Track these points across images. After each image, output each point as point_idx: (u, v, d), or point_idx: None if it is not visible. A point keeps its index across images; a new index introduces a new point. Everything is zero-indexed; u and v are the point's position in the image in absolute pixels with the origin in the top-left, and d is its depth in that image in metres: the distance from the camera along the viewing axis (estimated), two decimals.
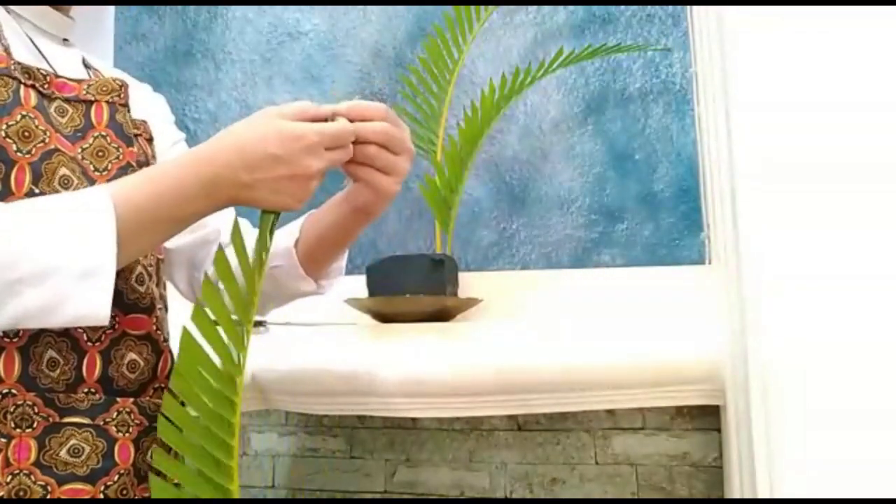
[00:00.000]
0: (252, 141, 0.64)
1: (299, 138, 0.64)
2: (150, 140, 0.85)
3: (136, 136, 0.80)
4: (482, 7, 1.42)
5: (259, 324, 1.27)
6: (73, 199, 0.63)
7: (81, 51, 0.87)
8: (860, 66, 0.84)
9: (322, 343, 1.21)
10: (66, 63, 0.81)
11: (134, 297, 0.75)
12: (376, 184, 0.73)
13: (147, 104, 0.89)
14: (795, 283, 0.83)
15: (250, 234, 0.86)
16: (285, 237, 0.85)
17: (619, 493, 1.25)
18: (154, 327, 0.76)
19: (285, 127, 0.65)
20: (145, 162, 0.80)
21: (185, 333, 0.61)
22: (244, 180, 0.64)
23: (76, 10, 0.85)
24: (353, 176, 0.74)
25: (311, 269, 0.85)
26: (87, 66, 0.85)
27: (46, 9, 0.81)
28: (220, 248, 0.65)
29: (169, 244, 0.88)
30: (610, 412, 1.27)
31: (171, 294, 0.88)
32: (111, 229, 0.61)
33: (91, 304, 0.60)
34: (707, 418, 1.23)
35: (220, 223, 0.91)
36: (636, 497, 1.25)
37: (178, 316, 0.92)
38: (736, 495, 0.99)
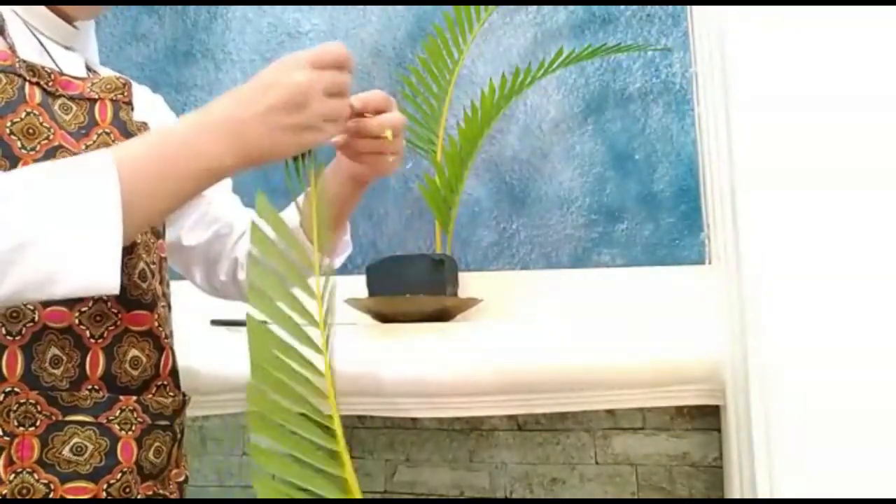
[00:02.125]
0: (247, 82, 0.65)
1: (282, 61, 0.65)
2: None
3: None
4: (482, 7, 1.42)
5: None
6: (76, 164, 0.61)
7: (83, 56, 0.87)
8: (860, 65, 0.84)
9: None
10: (70, 63, 0.81)
11: (137, 294, 0.75)
12: (385, 167, 0.77)
13: (147, 106, 0.89)
14: (795, 283, 0.83)
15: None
16: (289, 219, 0.84)
17: (619, 493, 1.25)
18: (156, 324, 0.76)
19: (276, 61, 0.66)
20: None
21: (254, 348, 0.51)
22: (239, 116, 0.63)
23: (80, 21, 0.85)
24: (362, 161, 0.76)
25: None
26: (89, 69, 0.85)
27: (52, 17, 0.81)
28: (254, 223, 0.57)
29: (186, 242, 0.92)
30: (610, 412, 1.27)
31: (174, 294, 0.88)
32: (115, 190, 0.59)
33: (97, 270, 0.57)
34: (707, 418, 1.23)
35: (231, 218, 0.93)
36: (636, 497, 1.25)
37: (181, 316, 0.93)
38: (736, 495, 0.99)
